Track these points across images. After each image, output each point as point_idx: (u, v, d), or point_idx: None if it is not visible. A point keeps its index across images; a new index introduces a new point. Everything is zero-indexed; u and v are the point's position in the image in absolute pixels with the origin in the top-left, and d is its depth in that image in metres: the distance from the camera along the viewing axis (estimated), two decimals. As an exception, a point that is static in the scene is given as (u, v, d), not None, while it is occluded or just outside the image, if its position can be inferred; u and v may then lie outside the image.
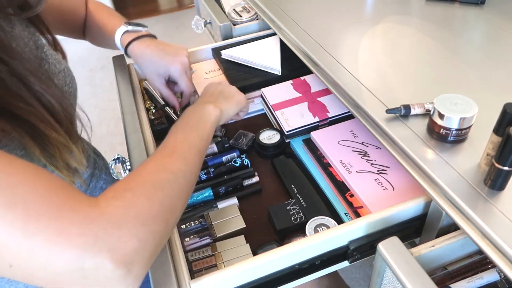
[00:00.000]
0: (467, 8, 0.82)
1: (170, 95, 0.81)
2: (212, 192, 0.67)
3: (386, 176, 0.63)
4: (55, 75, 0.63)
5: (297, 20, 0.83)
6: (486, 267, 0.51)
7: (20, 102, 0.49)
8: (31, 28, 0.63)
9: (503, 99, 0.50)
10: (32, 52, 0.60)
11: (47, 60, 0.63)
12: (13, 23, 0.59)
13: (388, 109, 0.57)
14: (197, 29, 1.15)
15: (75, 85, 0.69)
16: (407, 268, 0.44)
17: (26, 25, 0.62)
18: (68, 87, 0.65)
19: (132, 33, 0.78)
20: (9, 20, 0.58)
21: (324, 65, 0.69)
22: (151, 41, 0.79)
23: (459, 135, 0.51)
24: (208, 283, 0.47)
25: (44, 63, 0.62)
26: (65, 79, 0.65)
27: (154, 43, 0.78)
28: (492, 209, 0.44)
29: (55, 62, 0.64)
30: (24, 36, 0.60)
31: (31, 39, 0.62)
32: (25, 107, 0.49)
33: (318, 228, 0.58)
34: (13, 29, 0.58)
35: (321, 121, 0.76)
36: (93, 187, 0.73)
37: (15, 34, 0.58)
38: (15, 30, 0.59)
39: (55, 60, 0.65)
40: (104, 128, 2.07)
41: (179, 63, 0.77)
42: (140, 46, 0.78)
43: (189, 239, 0.59)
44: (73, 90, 0.67)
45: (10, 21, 0.59)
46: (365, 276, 1.34)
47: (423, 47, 0.73)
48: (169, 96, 0.81)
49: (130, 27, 0.78)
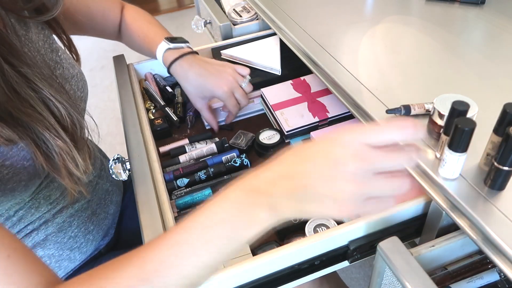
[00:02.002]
0: (467, 8, 0.82)
1: (212, 118, 0.78)
2: (212, 192, 0.67)
3: (386, 176, 0.63)
4: (68, 80, 0.63)
5: (297, 20, 0.83)
6: (486, 267, 0.51)
7: (28, 108, 0.49)
8: (46, 30, 0.62)
9: (503, 99, 0.50)
10: (47, 55, 0.60)
11: (61, 64, 0.62)
12: (28, 26, 0.58)
13: (388, 109, 0.57)
14: (197, 29, 1.15)
15: (87, 90, 0.68)
16: (407, 268, 0.44)
17: (42, 28, 0.62)
18: (80, 92, 0.65)
19: (174, 50, 0.76)
20: (24, 23, 0.58)
21: (324, 65, 0.69)
22: (193, 59, 0.76)
23: (459, 135, 0.51)
24: (207, 283, 0.47)
25: (58, 67, 0.61)
26: (78, 84, 0.65)
27: (197, 63, 0.75)
28: (492, 209, 0.44)
29: (69, 66, 0.64)
30: (39, 39, 0.60)
31: (46, 41, 0.61)
32: (32, 113, 0.49)
33: (318, 228, 0.58)
34: (28, 32, 0.58)
35: (321, 121, 0.76)
36: (99, 189, 0.73)
37: (30, 37, 0.57)
38: (30, 33, 0.58)
39: (69, 64, 0.64)
40: (104, 128, 2.07)
41: (224, 85, 0.74)
42: (183, 66, 0.75)
43: (189, 239, 0.59)
44: (84, 95, 0.67)
45: (25, 24, 0.58)
46: (365, 276, 1.34)
47: (423, 47, 0.72)
48: (211, 120, 0.79)
49: (172, 44, 0.76)
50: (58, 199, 0.65)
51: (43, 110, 0.50)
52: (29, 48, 0.56)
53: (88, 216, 0.71)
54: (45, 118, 0.50)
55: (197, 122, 0.84)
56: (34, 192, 0.60)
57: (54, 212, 0.65)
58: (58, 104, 0.52)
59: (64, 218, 0.67)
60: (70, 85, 0.63)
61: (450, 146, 0.45)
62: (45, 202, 0.63)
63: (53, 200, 0.64)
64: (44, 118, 0.50)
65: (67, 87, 0.61)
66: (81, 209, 0.70)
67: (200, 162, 0.72)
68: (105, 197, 0.75)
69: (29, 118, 0.49)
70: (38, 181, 0.58)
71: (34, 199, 0.61)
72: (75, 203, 0.68)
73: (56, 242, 0.67)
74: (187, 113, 0.84)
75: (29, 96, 0.49)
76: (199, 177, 0.70)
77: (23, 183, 0.54)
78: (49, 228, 0.66)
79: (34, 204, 0.61)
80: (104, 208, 0.75)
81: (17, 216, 0.61)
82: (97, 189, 0.73)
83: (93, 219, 0.72)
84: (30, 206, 0.61)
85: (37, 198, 0.61)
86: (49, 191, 0.62)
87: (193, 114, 0.83)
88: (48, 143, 0.51)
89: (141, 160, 0.64)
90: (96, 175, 0.73)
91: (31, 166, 0.53)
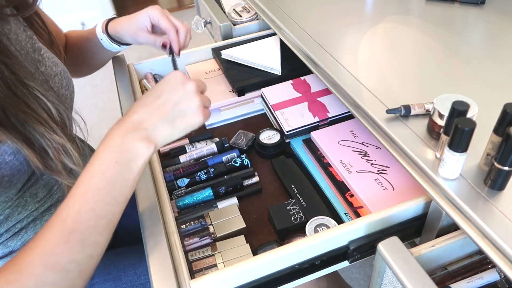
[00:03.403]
0: (467, 8, 0.82)
1: (156, 38, 0.76)
2: (212, 192, 0.67)
3: (386, 176, 0.63)
4: (51, 78, 0.63)
5: (297, 20, 0.83)
6: (486, 267, 0.51)
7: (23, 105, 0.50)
8: (28, 31, 0.63)
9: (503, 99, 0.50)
10: (29, 54, 0.61)
11: (43, 63, 0.63)
12: (10, 26, 0.59)
13: (388, 109, 0.57)
14: (197, 29, 1.15)
15: (72, 88, 0.69)
16: (407, 268, 0.44)
17: (24, 29, 0.62)
18: (65, 90, 0.65)
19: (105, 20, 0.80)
20: (7, 22, 0.58)
21: (324, 65, 0.69)
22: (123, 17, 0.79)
23: (459, 135, 0.51)
24: (208, 283, 0.47)
25: (40, 66, 0.62)
26: (62, 82, 0.65)
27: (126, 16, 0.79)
28: (492, 209, 0.44)
29: (52, 65, 0.64)
30: (21, 39, 0.60)
31: (29, 42, 0.62)
32: (27, 110, 0.50)
33: (318, 228, 0.58)
34: (10, 32, 0.58)
35: (321, 121, 0.76)
36: None
37: (12, 37, 0.58)
38: (12, 33, 0.59)
39: (52, 63, 0.65)
40: (104, 128, 2.07)
41: (153, 8, 0.75)
42: (116, 21, 0.78)
43: (189, 239, 0.59)
44: (69, 93, 0.67)
45: (8, 23, 0.58)
46: (365, 276, 1.34)
47: (423, 47, 0.73)
48: (155, 40, 0.76)
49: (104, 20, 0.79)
50: (45, 197, 0.64)
51: (36, 106, 0.51)
52: (15, 46, 0.57)
53: None
54: (38, 114, 0.51)
55: (197, 122, 0.84)
56: (20, 190, 0.60)
57: (42, 210, 0.65)
58: (47, 101, 0.53)
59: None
60: (54, 83, 0.63)
61: (450, 146, 0.45)
62: (32, 200, 0.63)
63: (40, 198, 0.64)
64: (38, 114, 0.51)
65: (51, 84, 0.62)
66: None
67: (201, 162, 0.72)
68: None
69: (25, 115, 0.49)
70: (24, 176, 0.58)
71: (21, 198, 0.61)
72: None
73: None
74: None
75: (23, 94, 0.50)
76: (199, 177, 0.70)
77: (6, 178, 0.54)
78: (38, 227, 0.66)
79: (21, 202, 0.61)
80: None
81: (4, 215, 0.60)
82: None
83: None
84: (17, 204, 0.61)
85: (24, 196, 0.61)
86: (35, 189, 0.62)
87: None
88: (42, 139, 0.52)
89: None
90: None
91: (14, 160, 0.53)
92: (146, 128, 0.47)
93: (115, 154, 0.45)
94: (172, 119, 0.49)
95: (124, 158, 0.45)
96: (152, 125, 0.47)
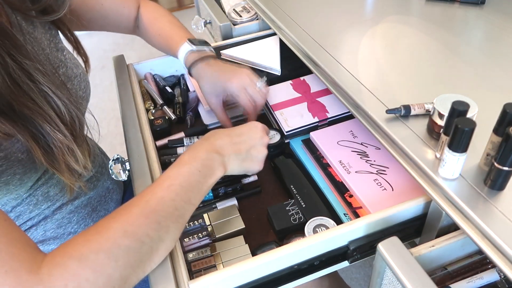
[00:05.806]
0: (467, 8, 0.82)
1: (226, 120, 0.77)
2: (212, 193, 0.67)
3: (385, 177, 0.63)
4: (71, 79, 0.64)
5: (297, 20, 0.83)
6: (486, 267, 0.51)
7: (29, 101, 0.50)
8: (53, 30, 0.64)
9: (503, 99, 0.50)
10: (52, 53, 0.61)
11: (65, 63, 0.63)
12: (34, 25, 0.60)
13: (388, 109, 0.57)
14: (197, 29, 1.15)
15: (89, 90, 0.70)
16: (407, 268, 0.44)
17: (49, 27, 0.63)
18: (82, 92, 0.66)
19: (196, 52, 0.77)
20: (31, 22, 0.59)
21: (324, 65, 0.69)
22: (214, 61, 0.76)
23: (459, 135, 0.51)
24: (207, 283, 0.47)
25: (62, 66, 0.62)
26: (80, 84, 0.66)
27: (216, 64, 0.76)
28: (492, 209, 0.44)
29: (73, 66, 0.65)
30: (45, 38, 0.61)
31: (52, 41, 0.62)
32: (32, 106, 0.50)
33: (317, 229, 0.58)
34: (34, 31, 0.59)
35: (321, 121, 0.76)
36: (100, 186, 0.74)
37: (35, 36, 0.59)
38: (36, 32, 0.59)
39: (73, 64, 0.66)
40: (104, 128, 2.07)
41: (236, 80, 0.73)
42: (203, 67, 0.75)
43: (188, 239, 0.59)
44: (86, 95, 0.68)
45: (32, 23, 0.59)
46: (365, 276, 1.34)
47: (423, 47, 0.72)
48: (224, 120, 0.77)
49: (195, 47, 0.77)
50: (57, 195, 0.65)
51: (44, 104, 0.51)
52: (33, 45, 0.57)
53: (88, 212, 0.71)
54: (45, 112, 0.51)
55: (197, 122, 0.84)
56: (31, 188, 0.60)
57: (54, 208, 0.66)
58: (58, 100, 0.53)
59: (64, 214, 0.68)
60: (72, 84, 0.64)
61: (450, 146, 0.45)
62: (44, 199, 0.63)
63: (52, 197, 0.64)
64: (44, 111, 0.51)
65: (69, 85, 0.62)
66: (81, 206, 0.70)
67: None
68: (106, 195, 0.76)
69: (30, 111, 0.50)
70: (35, 175, 0.58)
71: (32, 196, 0.61)
72: (75, 200, 0.69)
73: (56, 238, 0.68)
74: (187, 113, 0.84)
75: (30, 90, 0.50)
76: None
77: (17, 176, 0.54)
78: (48, 224, 0.66)
79: (32, 200, 0.62)
80: (105, 205, 0.75)
81: (15, 212, 0.61)
82: (98, 186, 0.73)
83: (93, 215, 0.72)
84: (28, 202, 0.61)
85: (35, 194, 0.61)
86: (47, 187, 0.63)
87: (192, 114, 0.83)
88: (48, 137, 0.52)
89: (140, 160, 0.63)
90: (97, 172, 0.74)
91: (26, 159, 0.54)
92: (224, 155, 0.56)
93: (200, 165, 0.53)
94: (243, 158, 0.58)
95: (205, 171, 0.53)
96: (228, 155, 0.56)
